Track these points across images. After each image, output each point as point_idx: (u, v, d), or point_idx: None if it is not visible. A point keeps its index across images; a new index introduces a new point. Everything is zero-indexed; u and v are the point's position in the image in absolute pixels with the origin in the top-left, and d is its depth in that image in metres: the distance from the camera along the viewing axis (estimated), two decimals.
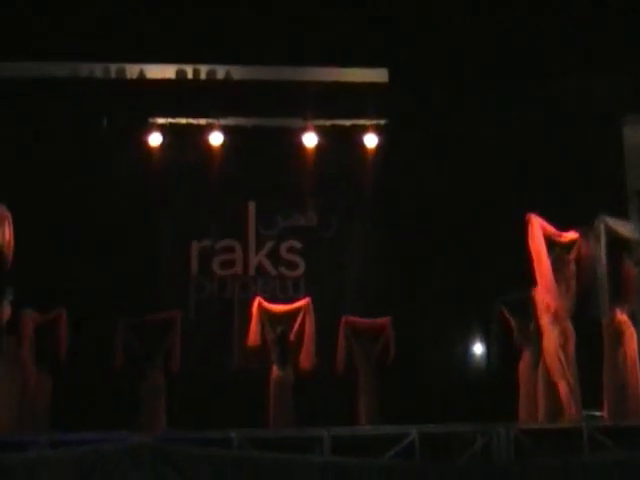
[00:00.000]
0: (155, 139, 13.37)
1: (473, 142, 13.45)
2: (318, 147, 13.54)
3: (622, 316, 10.67)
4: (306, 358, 12.35)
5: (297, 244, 13.80)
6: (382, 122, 13.69)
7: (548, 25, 12.93)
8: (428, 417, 9.45)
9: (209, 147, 13.46)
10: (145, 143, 13.35)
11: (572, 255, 10.82)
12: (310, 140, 13.53)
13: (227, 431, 8.65)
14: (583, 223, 12.48)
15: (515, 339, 12.25)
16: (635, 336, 10.63)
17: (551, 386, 10.56)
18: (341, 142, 13.52)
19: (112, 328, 12.35)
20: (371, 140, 13.61)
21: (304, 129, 13.56)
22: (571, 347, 10.53)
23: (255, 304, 12.69)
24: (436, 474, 7.97)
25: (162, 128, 13.41)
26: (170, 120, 13.45)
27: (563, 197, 12.86)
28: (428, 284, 13.23)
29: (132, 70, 13.52)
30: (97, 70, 13.35)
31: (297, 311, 12.62)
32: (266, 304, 12.71)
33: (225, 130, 13.48)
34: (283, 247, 13.80)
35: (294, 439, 9.22)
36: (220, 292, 13.59)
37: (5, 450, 7.72)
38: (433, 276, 13.30)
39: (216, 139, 13.44)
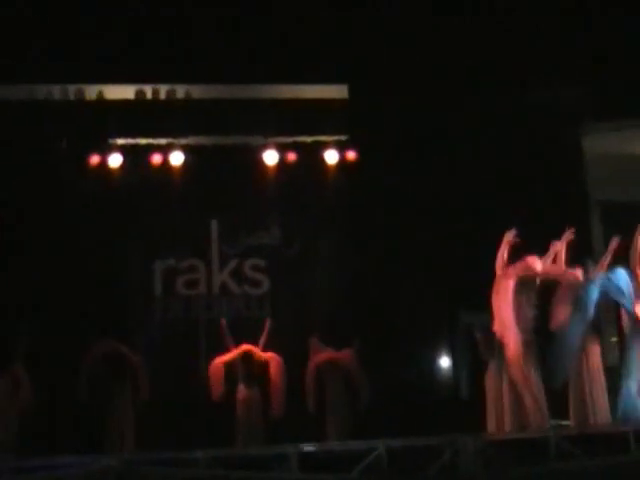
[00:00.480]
0: (115, 160, 13.30)
1: (437, 156, 13.52)
2: (279, 164, 13.54)
3: (583, 323, 10.71)
4: (277, 407, 12.17)
5: (261, 262, 13.74)
6: (343, 138, 13.71)
7: (508, 38, 13.04)
8: (396, 431, 9.44)
9: (170, 167, 13.42)
10: (106, 164, 13.28)
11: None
12: (271, 157, 13.52)
13: (194, 451, 8.59)
14: (547, 235, 12.68)
15: (480, 352, 12.27)
16: (599, 346, 10.69)
17: (517, 397, 10.55)
18: (303, 159, 13.54)
19: (76, 353, 12.23)
20: (332, 156, 13.63)
21: (265, 146, 13.56)
22: (534, 358, 10.54)
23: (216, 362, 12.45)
24: None
25: (122, 149, 13.35)
26: (130, 141, 13.39)
27: (527, 209, 12.92)
28: (395, 300, 13.23)
29: (91, 91, 13.48)
30: (55, 92, 13.29)
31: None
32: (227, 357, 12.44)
33: (186, 149, 13.45)
34: (247, 265, 13.74)
35: (261, 457, 9.17)
36: (185, 312, 13.52)
37: None
38: (400, 292, 13.31)
39: (177, 158, 13.41)
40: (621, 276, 10.67)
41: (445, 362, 13.78)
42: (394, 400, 12.48)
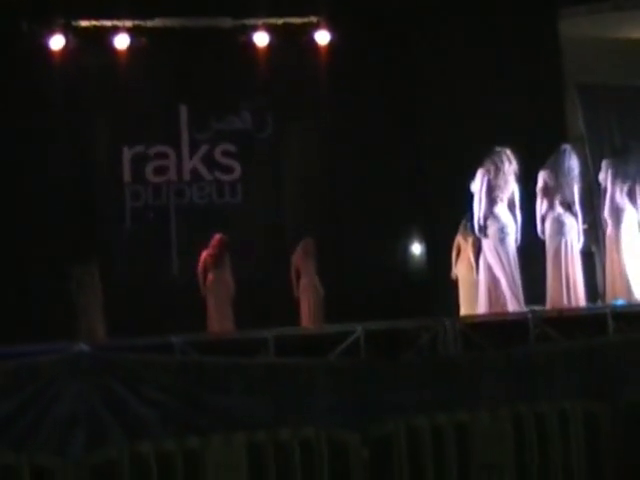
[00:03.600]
0: (79, 43, 12.81)
1: (409, 39, 13.21)
2: (250, 47, 13.15)
3: (561, 207, 10.71)
4: None
5: (232, 147, 13.45)
6: (314, 20, 13.30)
7: None
8: (372, 315, 9.39)
9: (136, 50, 12.96)
10: (69, 47, 12.80)
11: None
12: (241, 39, 13.11)
13: (168, 336, 8.48)
14: (523, 118, 12.57)
15: (457, 238, 12.26)
16: (576, 227, 10.67)
17: (493, 281, 10.52)
18: (273, 41, 13.13)
19: (45, 241, 12.05)
20: (304, 39, 13.24)
21: (234, 29, 13.13)
22: (511, 242, 10.50)
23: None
24: (383, 369, 7.90)
25: (86, 31, 12.85)
26: (94, 22, 12.90)
27: (502, 96, 12.74)
28: (368, 186, 13.06)
29: None
30: None
31: None
32: None
33: (152, 32, 12.96)
34: (217, 151, 13.43)
35: (237, 342, 9.11)
36: (155, 199, 13.29)
37: None
38: (373, 178, 13.13)
39: (143, 41, 12.95)
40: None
41: (417, 248, 13.73)
42: (369, 285, 12.46)
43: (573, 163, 10.80)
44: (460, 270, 12.12)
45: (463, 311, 11.58)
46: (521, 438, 7.24)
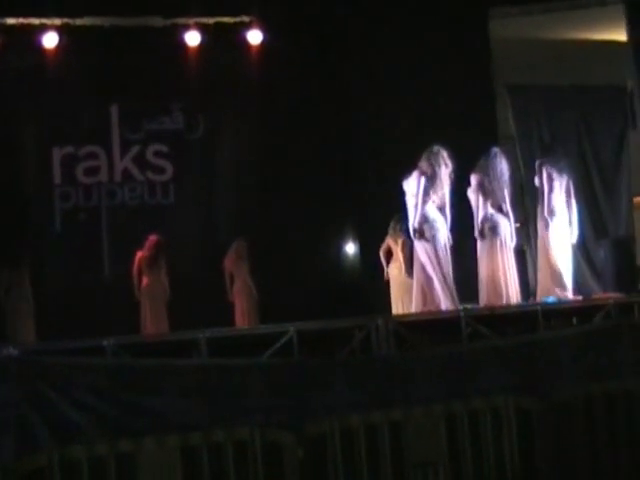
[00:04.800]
0: (6, 41, 12.52)
1: (340, 38, 13.25)
2: (181, 46, 13.04)
3: (493, 208, 10.83)
4: None
5: (164, 147, 13.34)
6: (246, 19, 13.26)
7: None
8: (306, 316, 9.38)
9: (65, 49, 12.78)
10: None
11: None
12: (172, 39, 13.00)
13: (100, 339, 8.38)
14: (453, 119, 12.66)
15: (388, 239, 12.32)
16: (508, 226, 10.79)
17: (426, 280, 10.58)
18: (205, 40, 13.05)
19: None
20: (235, 38, 13.17)
21: (166, 28, 13.02)
22: (443, 241, 10.59)
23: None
24: (317, 369, 7.88)
25: (13, 29, 12.60)
26: (22, 20, 12.68)
27: (433, 96, 12.82)
28: (302, 185, 13.05)
29: None
30: None
31: None
32: None
33: (82, 30, 12.80)
34: (149, 151, 13.30)
35: (170, 343, 9.04)
36: (86, 200, 13.11)
37: None
38: (306, 178, 13.12)
39: (72, 40, 12.77)
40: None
41: (351, 248, 13.76)
42: (303, 286, 12.46)
43: (504, 167, 10.99)
44: (392, 271, 12.20)
45: (395, 311, 11.65)
46: (455, 435, 7.28)
